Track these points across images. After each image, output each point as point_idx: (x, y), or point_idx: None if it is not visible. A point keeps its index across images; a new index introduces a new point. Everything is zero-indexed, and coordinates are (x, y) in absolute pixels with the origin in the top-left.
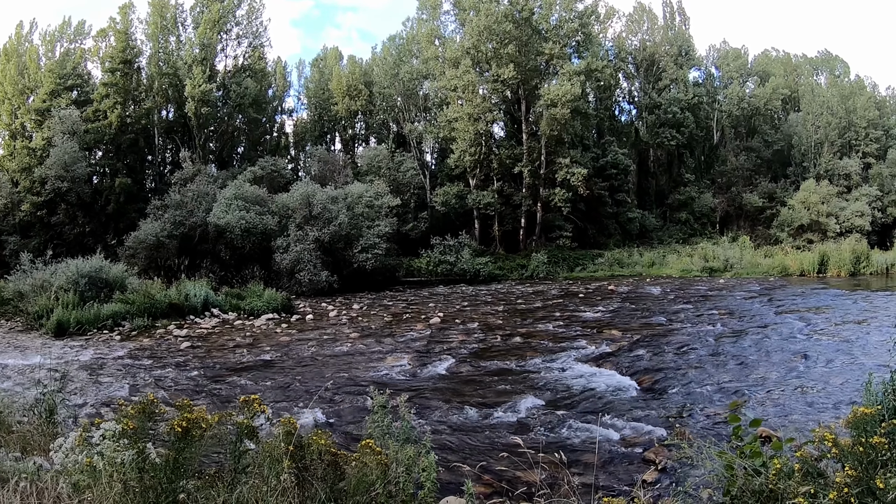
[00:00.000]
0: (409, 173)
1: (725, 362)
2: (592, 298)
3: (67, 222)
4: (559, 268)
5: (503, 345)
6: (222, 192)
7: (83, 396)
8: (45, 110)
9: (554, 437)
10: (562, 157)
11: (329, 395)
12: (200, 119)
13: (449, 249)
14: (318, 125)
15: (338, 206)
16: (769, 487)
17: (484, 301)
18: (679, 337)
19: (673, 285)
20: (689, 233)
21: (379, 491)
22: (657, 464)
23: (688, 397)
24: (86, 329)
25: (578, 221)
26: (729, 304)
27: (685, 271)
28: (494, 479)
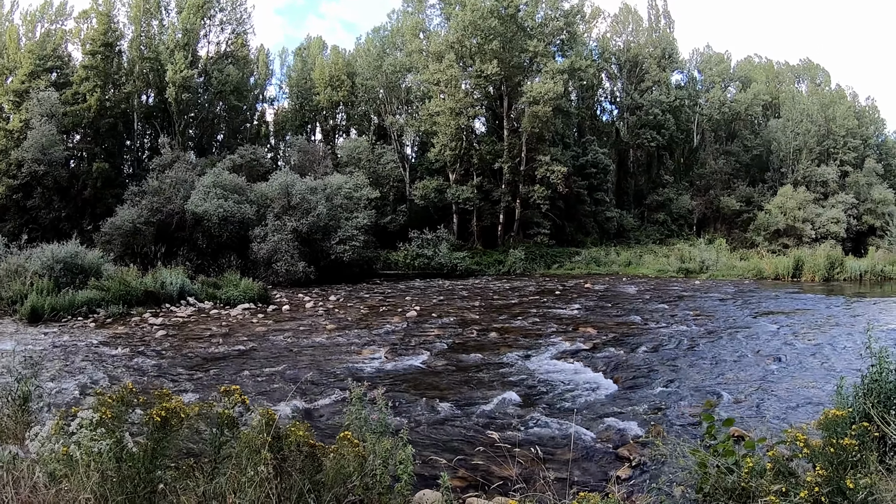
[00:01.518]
0: (389, 166)
1: (699, 362)
2: (569, 295)
3: (43, 206)
4: (536, 264)
5: (479, 340)
6: (201, 180)
7: (58, 383)
8: (24, 92)
9: (529, 432)
10: (542, 155)
11: (305, 386)
12: (181, 105)
13: (427, 243)
14: (300, 115)
15: (317, 197)
16: (741, 485)
17: (461, 296)
18: (654, 336)
19: (649, 285)
20: (667, 233)
21: (356, 483)
22: (631, 460)
23: (662, 396)
24: (60, 315)
25: (557, 219)
26: (704, 305)
27: (661, 271)
28: (470, 473)
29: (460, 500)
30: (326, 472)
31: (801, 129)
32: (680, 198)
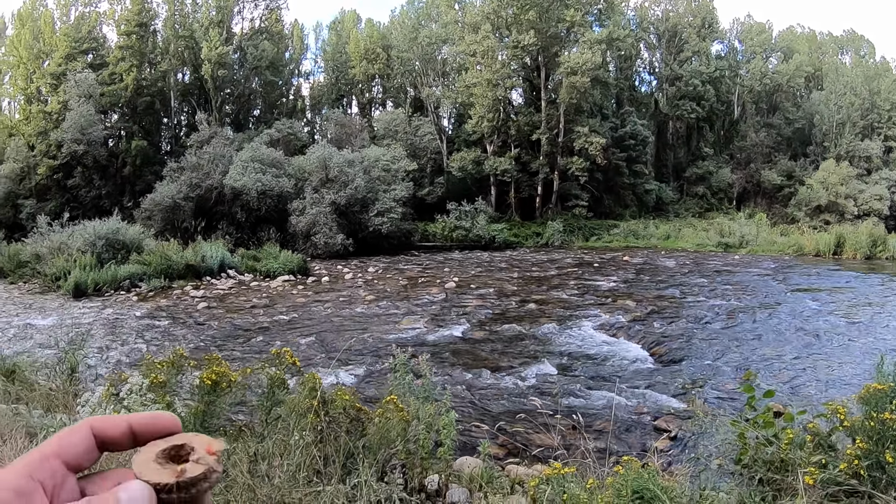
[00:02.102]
0: (427, 138)
1: (738, 337)
2: (607, 268)
3: (84, 185)
4: (574, 237)
5: (518, 311)
6: (238, 155)
7: (104, 355)
8: (61, 74)
9: (568, 402)
10: (580, 126)
11: (347, 355)
12: (217, 81)
13: (465, 215)
14: (335, 88)
15: (354, 170)
16: (780, 457)
17: (499, 267)
18: (693, 310)
19: (687, 259)
20: (706, 207)
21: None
22: (669, 432)
23: (700, 369)
24: (103, 290)
25: (595, 191)
26: (743, 280)
27: (700, 245)
28: (510, 440)
29: (500, 466)
30: (371, 436)
31: (845, 103)
32: (720, 171)
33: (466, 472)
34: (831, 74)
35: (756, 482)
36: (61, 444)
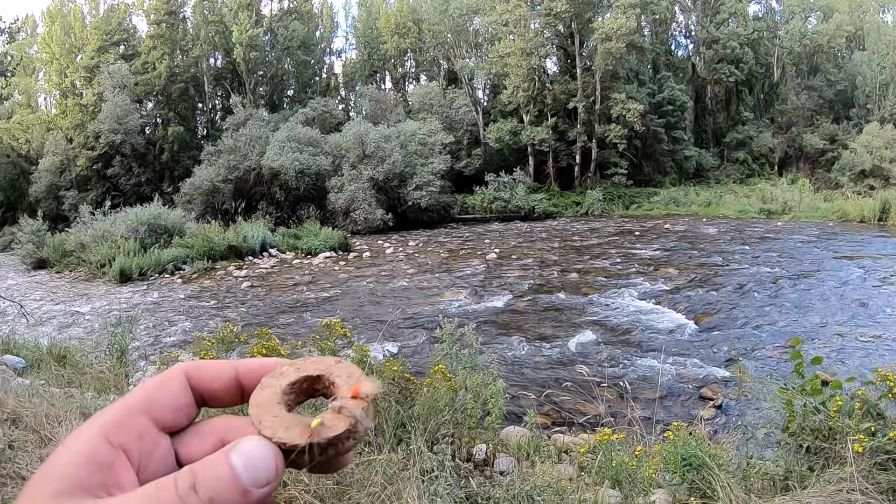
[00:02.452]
0: (462, 110)
1: (783, 305)
2: (648, 236)
3: (123, 173)
4: (614, 205)
5: (560, 281)
6: (275, 135)
7: (151, 337)
8: (94, 67)
9: (613, 371)
10: (617, 93)
11: (391, 328)
12: (249, 64)
13: (503, 186)
14: (368, 65)
15: (391, 145)
16: (828, 425)
17: (539, 238)
18: (736, 278)
19: (729, 226)
20: (747, 173)
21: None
22: (714, 400)
23: (744, 337)
24: (148, 274)
25: (634, 158)
26: (786, 247)
27: (742, 212)
28: (555, 409)
29: (546, 435)
30: (420, 406)
31: (888, 63)
32: (760, 136)
33: (513, 441)
34: (873, 34)
35: (803, 451)
36: (149, 399)
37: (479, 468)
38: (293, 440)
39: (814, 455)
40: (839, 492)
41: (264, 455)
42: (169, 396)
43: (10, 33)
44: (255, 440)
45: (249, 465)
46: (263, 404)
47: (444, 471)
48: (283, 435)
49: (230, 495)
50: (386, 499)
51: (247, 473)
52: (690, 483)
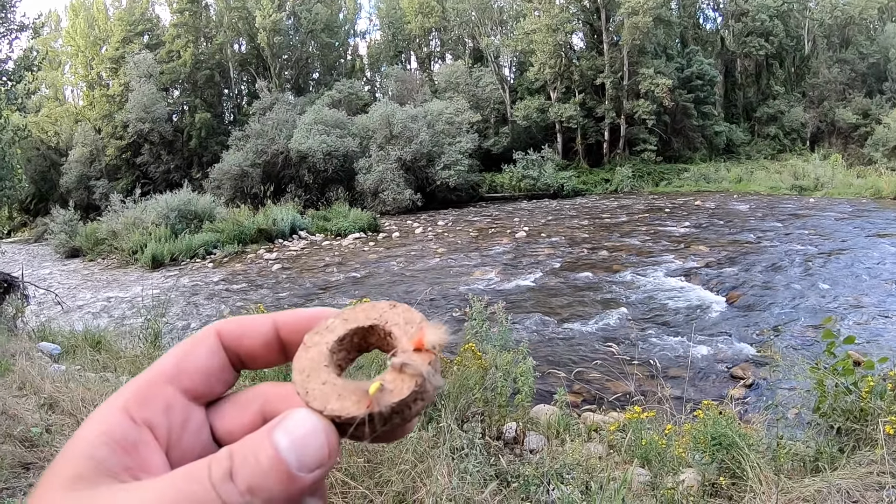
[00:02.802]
0: (489, 88)
1: (815, 283)
2: (678, 213)
3: (152, 161)
4: (644, 182)
5: (590, 259)
6: (301, 118)
7: (185, 320)
8: (119, 58)
9: (643, 349)
10: (645, 68)
11: (421, 308)
12: (273, 48)
13: (532, 164)
14: (392, 45)
15: (418, 125)
16: (860, 406)
17: (568, 215)
18: (768, 255)
19: (761, 202)
20: (778, 148)
21: (477, 396)
22: (745, 379)
23: (776, 316)
24: (179, 259)
25: (663, 134)
26: (819, 224)
27: (773, 188)
28: (585, 387)
29: (576, 413)
30: (450, 384)
31: None
32: (792, 110)
33: (543, 420)
34: None
35: (834, 432)
36: (178, 365)
37: (509, 446)
38: (348, 412)
39: (844, 436)
40: (870, 474)
41: (314, 432)
42: (200, 361)
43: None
44: (302, 414)
45: (297, 446)
46: (309, 369)
47: (474, 449)
48: (336, 406)
49: (274, 482)
50: (416, 476)
51: (294, 455)
52: (720, 463)
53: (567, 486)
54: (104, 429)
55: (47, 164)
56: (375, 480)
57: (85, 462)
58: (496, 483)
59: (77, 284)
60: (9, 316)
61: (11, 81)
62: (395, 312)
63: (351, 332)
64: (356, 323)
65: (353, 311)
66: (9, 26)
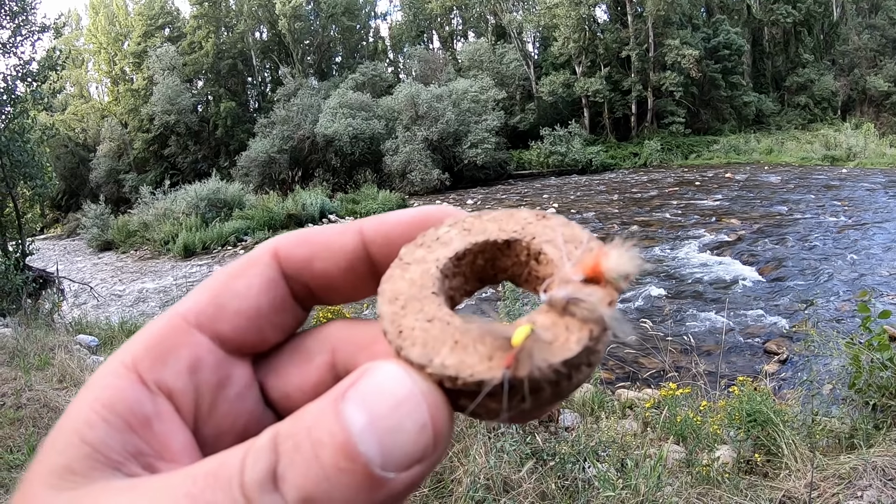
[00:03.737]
0: (513, 65)
1: (849, 256)
2: (709, 186)
3: (179, 152)
4: (673, 155)
5: (621, 234)
6: (326, 103)
7: None
8: (141, 52)
9: (676, 325)
10: (671, 39)
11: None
12: (295, 34)
13: (559, 140)
14: (414, 25)
15: (443, 104)
16: None
17: (598, 191)
18: (800, 227)
19: (792, 174)
20: (809, 118)
21: None
22: (779, 355)
23: (810, 289)
24: (211, 248)
25: (691, 106)
26: (852, 196)
27: (805, 159)
28: (618, 364)
29: (610, 391)
30: None
31: None
32: (822, 79)
33: (578, 397)
34: None
35: (870, 408)
36: (214, 301)
37: (544, 424)
38: (472, 372)
39: (881, 413)
40: None
41: (410, 403)
42: (246, 296)
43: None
44: (390, 372)
45: (380, 427)
46: (406, 296)
47: (511, 427)
48: (451, 361)
49: (346, 489)
50: (454, 456)
51: (375, 443)
52: (755, 439)
53: (603, 464)
54: (103, 399)
55: (76, 161)
56: None
57: (76, 448)
58: (532, 462)
59: (111, 277)
60: (46, 311)
61: (37, 82)
62: (545, 225)
63: (475, 248)
64: (484, 236)
65: (479, 219)
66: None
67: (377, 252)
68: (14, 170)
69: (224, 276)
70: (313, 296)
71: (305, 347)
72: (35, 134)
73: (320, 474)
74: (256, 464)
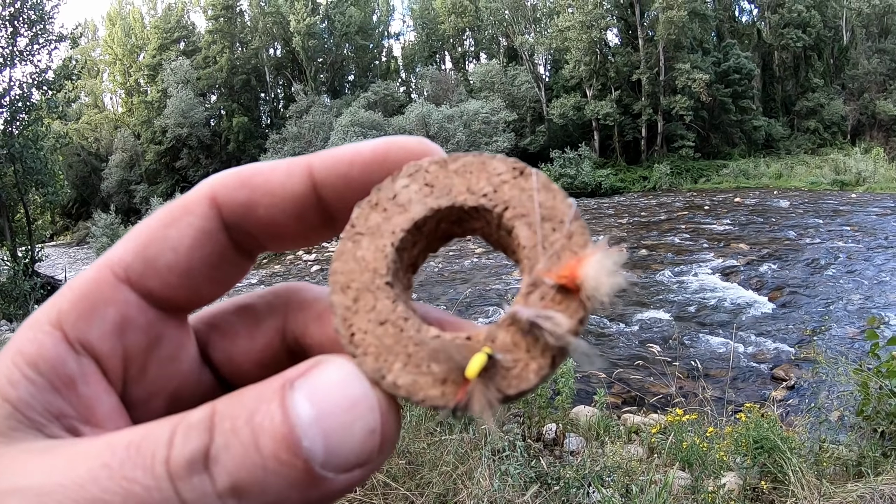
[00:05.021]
0: (524, 87)
1: (858, 282)
2: (718, 210)
3: (191, 165)
4: (682, 179)
5: (629, 257)
6: (338, 121)
7: None
8: (156, 65)
9: (684, 349)
10: (681, 63)
11: (462, 307)
12: (308, 52)
13: (569, 162)
14: (427, 46)
15: (454, 125)
16: None
17: (607, 214)
18: (809, 253)
19: (802, 198)
20: (818, 143)
21: None
22: (787, 381)
23: (819, 315)
24: None
25: (701, 130)
26: (862, 221)
27: (814, 184)
28: (625, 389)
29: (616, 415)
30: None
31: None
32: (831, 103)
33: (583, 421)
34: None
35: (878, 435)
36: (141, 253)
37: (549, 448)
38: (427, 398)
39: (889, 440)
40: None
41: (366, 411)
42: (178, 246)
43: (73, 39)
44: (343, 372)
45: (328, 426)
46: (358, 283)
47: (515, 450)
48: (404, 380)
49: (282, 483)
50: (458, 478)
51: (321, 441)
52: (761, 466)
53: (607, 489)
54: (27, 355)
55: (88, 170)
56: (416, 482)
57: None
58: (537, 486)
59: None
60: None
61: (52, 90)
62: (522, 189)
63: (437, 213)
64: (448, 198)
65: (444, 168)
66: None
67: (330, 196)
68: (26, 176)
69: (155, 222)
70: (258, 244)
71: (254, 308)
72: (48, 142)
73: (257, 463)
74: (188, 442)
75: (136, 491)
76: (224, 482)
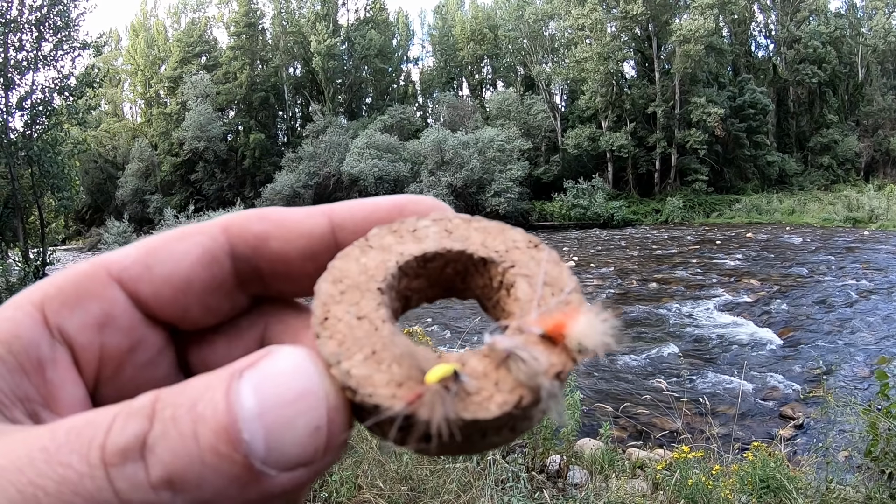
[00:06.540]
0: (540, 116)
1: (869, 320)
2: (729, 245)
3: (206, 179)
4: (695, 213)
5: (639, 290)
6: (354, 142)
7: None
8: (177, 77)
9: (691, 385)
10: (696, 97)
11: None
12: (328, 73)
13: (582, 193)
14: (445, 72)
15: (469, 151)
16: None
17: (618, 246)
18: (820, 290)
19: (814, 235)
20: (832, 179)
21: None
22: (795, 419)
23: (829, 354)
24: None
25: (715, 164)
26: (874, 259)
27: (827, 220)
28: (631, 423)
29: (621, 449)
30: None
31: None
32: (846, 139)
33: (587, 454)
34: None
35: (885, 477)
36: (143, 260)
37: (553, 480)
38: (375, 394)
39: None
40: None
41: (311, 405)
42: (179, 264)
43: (97, 47)
44: (297, 361)
45: (271, 417)
46: (350, 283)
47: (519, 482)
48: (359, 372)
49: (217, 476)
50: None
51: (262, 434)
52: None
53: None
54: (1, 333)
55: (104, 177)
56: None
57: None
58: None
59: None
60: None
61: (73, 96)
62: (532, 256)
63: (447, 255)
64: (462, 245)
65: (467, 224)
66: (72, 44)
67: (346, 240)
68: (43, 179)
69: (165, 235)
70: (262, 282)
71: (236, 321)
72: (66, 147)
73: (194, 455)
74: (126, 428)
75: (69, 476)
76: (158, 472)
